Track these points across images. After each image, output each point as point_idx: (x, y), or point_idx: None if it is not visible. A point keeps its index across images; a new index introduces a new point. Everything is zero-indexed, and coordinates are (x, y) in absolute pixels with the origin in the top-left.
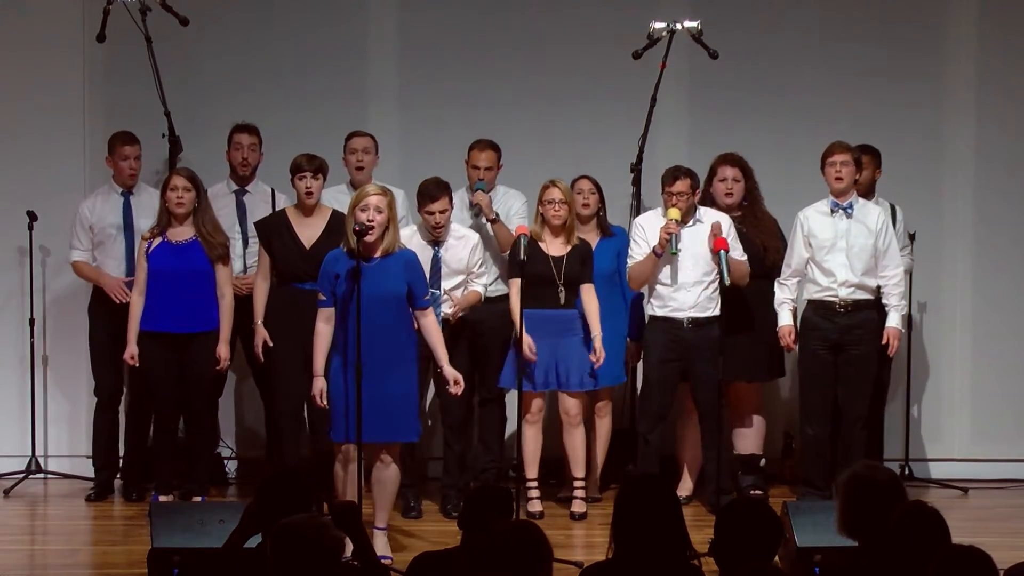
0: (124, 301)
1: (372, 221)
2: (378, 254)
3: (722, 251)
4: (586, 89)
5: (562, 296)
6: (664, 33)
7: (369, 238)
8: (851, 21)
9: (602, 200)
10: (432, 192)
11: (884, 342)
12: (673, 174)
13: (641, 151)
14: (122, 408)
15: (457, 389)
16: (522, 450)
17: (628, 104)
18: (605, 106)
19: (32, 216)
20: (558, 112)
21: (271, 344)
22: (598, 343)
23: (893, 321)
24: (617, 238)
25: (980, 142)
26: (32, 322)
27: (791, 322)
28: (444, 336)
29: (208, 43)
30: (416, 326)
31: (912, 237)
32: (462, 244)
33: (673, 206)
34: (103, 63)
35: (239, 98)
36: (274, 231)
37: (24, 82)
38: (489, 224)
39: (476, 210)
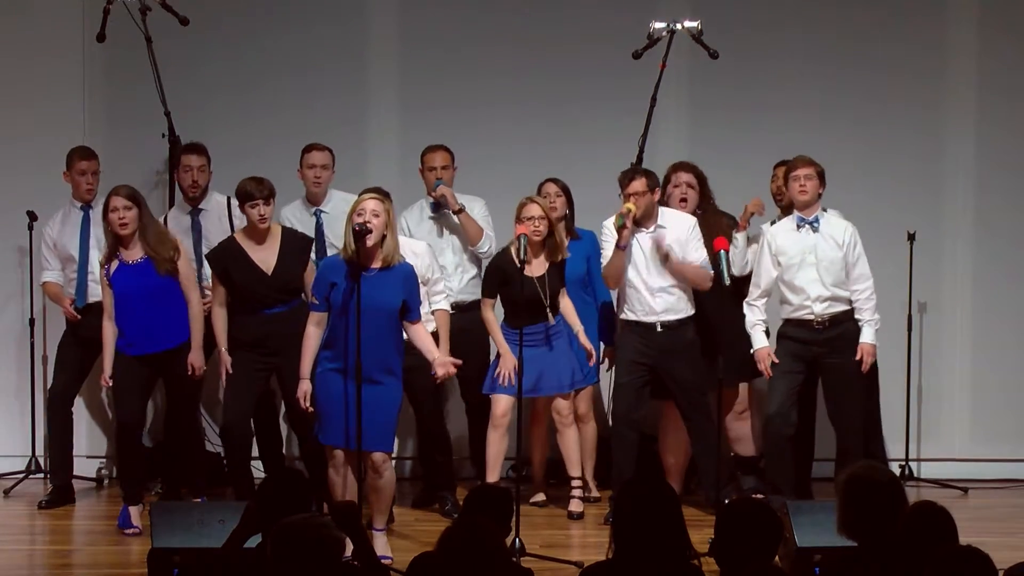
0: (74, 321)
1: (369, 223)
2: (376, 264)
3: (722, 251)
4: (586, 89)
5: (550, 315)
6: (664, 33)
7: (368, 241)
8: (851, 20)
9: (570, 203)
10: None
11: (858, 358)
12: (629, 175)
13: (641, 151)
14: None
15: (444, 371)
16: (486, 454)
17: (628, 104)
18: (605, 106)
19: (32, 216)
20: (558, 112)
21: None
22: (582, 337)
23: (866, 336)
24: (585, 241)
25: (980, 142)
26: (32, 322)
27: (766, 343)
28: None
29: (208, 43)
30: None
31: (912, 237)
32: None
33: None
34: (103, 63)
35: (239, 98)
36: (230, 261)
37: (24, 82)
38: (455, 216)
39: (441, 201)
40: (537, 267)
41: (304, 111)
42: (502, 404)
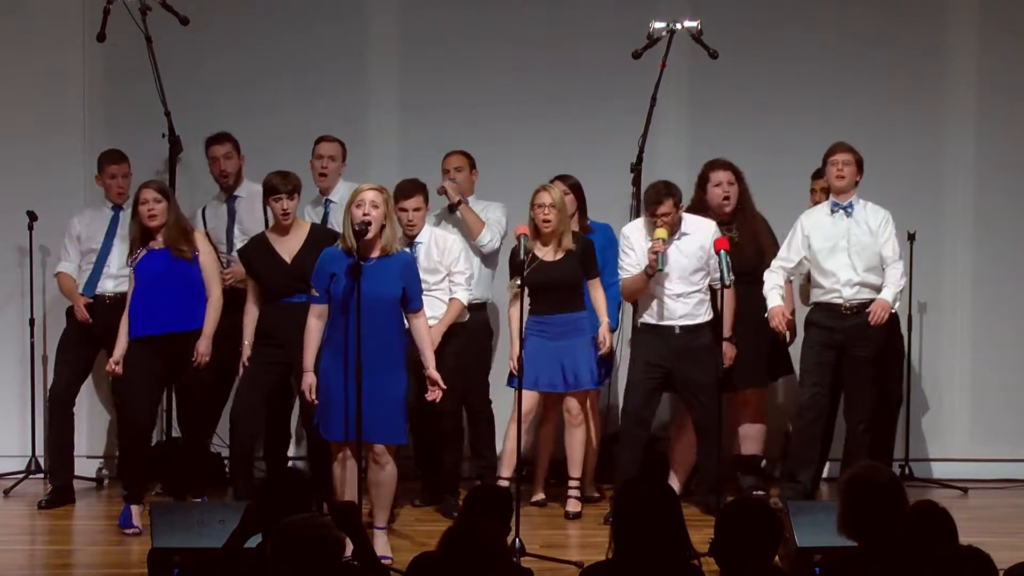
0: (85, 321)
1: (368, 216)
2: (375, 254)
3: (722, 251)
4: (586, 89)
5: (561, 301)
6: (664, 33)
7: (367, 234)
8: (851, 21)
9: (581, 199)
10: (406, 190)
11: (868, 310)
12: (656, 197)
13: (641, 151)
14: (106, 409)
15: (435, 395)
16: (503, 447)
17: (628, 104)
18: (605, 106)
19: (32, 216)
20: (558, 112)
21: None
22: (604, 328)
23: (884, 294)
24: (597, 234)
25: (980, 142)
26: (32, 322)
27: (781, 303)
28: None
29: (208, 43)
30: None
31: (912, 237)
32: (436, 244)
33: (659, 226)
34: (103, 63)
35: (239, 98)
36: (254, 255)
37: (24, 82)
38: (458, 212)
39: (440, 192)
40: (549, 254)
41: (304, 111)
42: (526, 402)
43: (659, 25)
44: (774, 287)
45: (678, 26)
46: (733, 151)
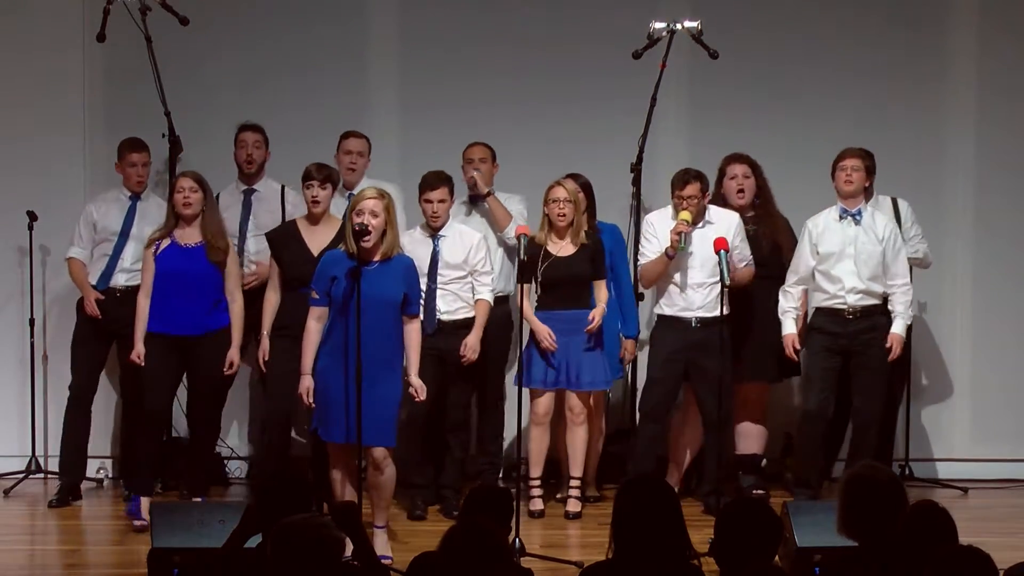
0: (95, 317)
1: (367, 225)
2: (377, 258)
3: (722, 251)
4: (586, 89)
5: (571, 296)
6: (664, 33)
7: (365, 243)
8: (852, 21)
9: (591, 198)
10: (432, 181)
11: (888, 345)
12: (683, 178)
13: (641, 151)
14: (107, 407)
15: (421, 397)
16: (528, 449)
17: (628, 104)
18: (605, 106)
19: (32, 216)
20: (558, 112)
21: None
22: (597, 310)
23: (897, 327)
24: (604, 234)
25: (980, 142)
26: (32, 322)
27: (795, 330)
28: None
29: (208, 43)
30: None
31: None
32: (461, 241)
33: (684, 208)
34: (103, 63)
35: (239, 98)
36: (282, 242)
37: (24, 82)
38: (485, 202)
39: (469, 183)
40: (564, 249)
41: (304, 111)
42: (543, 404)
43: (659, 25)
44: (788, 310)
45: (678, 26)
46: (733, 151)
